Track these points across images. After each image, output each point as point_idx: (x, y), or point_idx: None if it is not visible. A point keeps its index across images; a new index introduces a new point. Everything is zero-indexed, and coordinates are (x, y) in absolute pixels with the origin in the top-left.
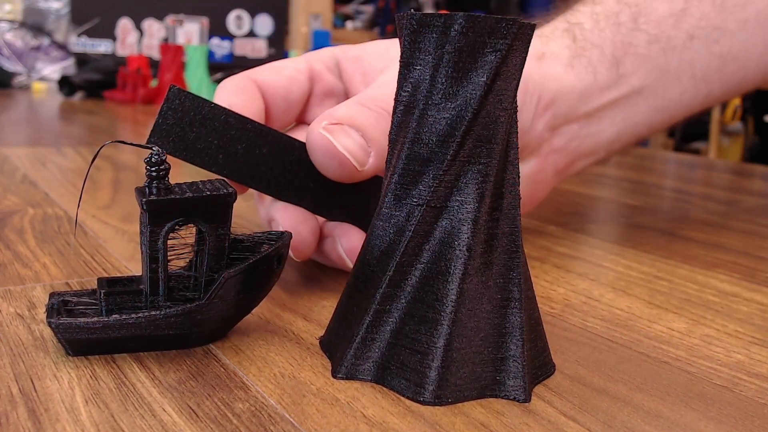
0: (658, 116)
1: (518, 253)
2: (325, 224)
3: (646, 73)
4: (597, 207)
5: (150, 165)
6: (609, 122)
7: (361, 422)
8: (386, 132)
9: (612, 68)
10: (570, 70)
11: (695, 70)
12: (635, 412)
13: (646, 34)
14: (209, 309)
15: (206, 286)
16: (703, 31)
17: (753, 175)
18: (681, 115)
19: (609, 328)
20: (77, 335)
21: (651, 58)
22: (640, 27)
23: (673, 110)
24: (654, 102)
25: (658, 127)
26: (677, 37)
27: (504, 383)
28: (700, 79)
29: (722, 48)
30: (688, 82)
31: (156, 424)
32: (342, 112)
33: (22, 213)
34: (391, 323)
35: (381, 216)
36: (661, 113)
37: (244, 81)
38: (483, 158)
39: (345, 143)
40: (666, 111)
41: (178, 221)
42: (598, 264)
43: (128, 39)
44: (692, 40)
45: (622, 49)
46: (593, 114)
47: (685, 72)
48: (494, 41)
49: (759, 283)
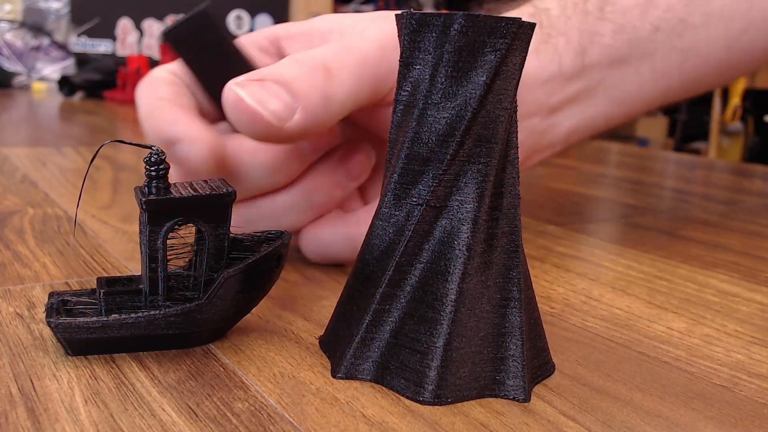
0: (616, 109)
1: (518, 253)
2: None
3: (609, 63)
4: (597, 207)
5: (149, 164)
6: (567, 114)
7: (360, 422)
8: (321, 87)
9: (577, 58)
10: (535, 56)
11: (656, 63)
12: (635, 411)
13: (612, 23)
14: (208, 309)
15: (206, 285)
16: (668, 23)
17: (753, 175)
18: (638, 109)
19: (609, 328)
20: (76, 335)
21: (615, 48)
22: (606, 16)
23: (631, 104)
24: (612, 94)
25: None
26: (642, 29)
27: (503, 383)
28: (660, 73)
29: (684, 42)
30: (647, 76)
31: (155, 424)
32: (268, 68)
33: (21, 213)
34: (391, 323)
35: (380, 215)
36: (619, 106)
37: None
38: (483, 158)
39: (259, 96)
40: (624, 104)
41: (177, 221)
42: (597, 264)
43: (128, 39)
44: (657, 32)
45: (588, 38)
46: (555, 107)
47: (646, 65)
48: (494, 41)
49: (759, 283)
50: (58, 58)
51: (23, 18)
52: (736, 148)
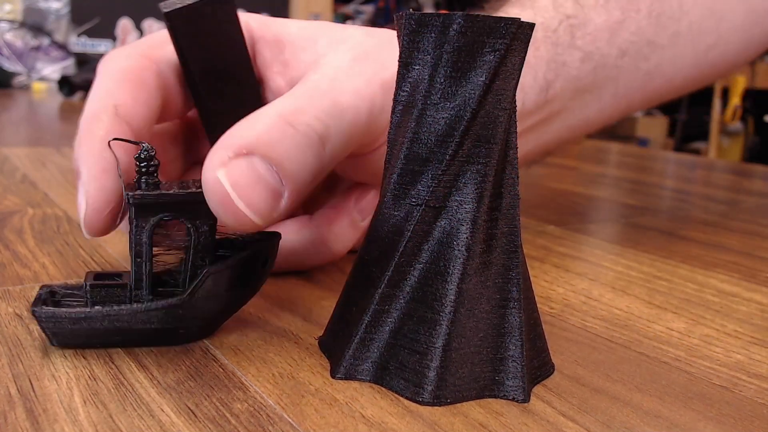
0: (570, 133)
1: (517, 253)
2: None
3: (572, 94)
4: (597, 207)
5: (139, 161)
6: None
7: (359, 422)
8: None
9: (541, 93)
10: None
11: (618, 88)
12: (634, 412)
13: (580, 51)
14: (191, 305)
15: (190, 282)
16: (634, 46)
17: (753, 175)
18: (594, 128)
19: (608, 328)
20: (60, 325)
21: (580, 78)
22: (576, 42)
23: (587, 126)
24: (568, 121)
25: (568, 142)
26: (609, 55)
27: (503, 383)
28: (622, 96)
29: (650, 64)
30: (608, 100)
31: (154, 425)
32: (255, 133)
33: (21, 213)
34: (390, 323)
35: (380, 216)
36: (574, 130)
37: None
38: (482, 158)
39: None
40: (579, 128)
41: (163, 216)
42: (597, 264)
43: (128, 39)
44: (623, 57)
45: (554, 71)
46: None
47: (608, 90)
48: (493, 41)
49: (759, 283)
50: (58, 58)
51: (23, 18)
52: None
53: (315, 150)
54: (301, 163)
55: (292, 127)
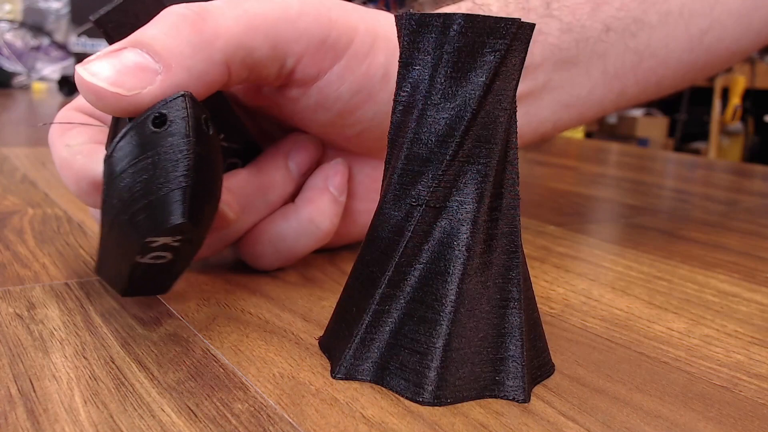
0: (565, 113)
1: (517, 254)
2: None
3: (555, 64)
4: (597, 207)
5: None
6: None
7: (360, 422)
8: (187, 34)
9: None
10: None
11: (607, 65)
12: (634, 412)
13: (558, 21)
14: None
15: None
16: (620, 22)
17: (753, 175)
18: (592, 113)
19: (608, 328)
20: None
21: (562, 48)
22: (552, 13)
23: (582, 107)
24: (559, 97)
25: (566, 125)
26: (592, 28)
27: (503, 383)
28: (612, 75)
29: (639, 42)
30: (598, 78)
31: (155, 425)
32: (134, 35)
33: (21, 213)
34: (391, 323)
35: (380, 216)
36: (568, 110)
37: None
38: (482, 158)
39: (101, 71)
40: (573, 108)
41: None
42: (597, 264)
43: None
44: (608, 32)
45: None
46: None
47: (596, 67)
48: (493, 41)
49: (759, 283)
50: (58, 58)
51: (23, 18)
52: (736, 148)
53: (190, 21)
54: (174, 37)
55: (166, 14)
